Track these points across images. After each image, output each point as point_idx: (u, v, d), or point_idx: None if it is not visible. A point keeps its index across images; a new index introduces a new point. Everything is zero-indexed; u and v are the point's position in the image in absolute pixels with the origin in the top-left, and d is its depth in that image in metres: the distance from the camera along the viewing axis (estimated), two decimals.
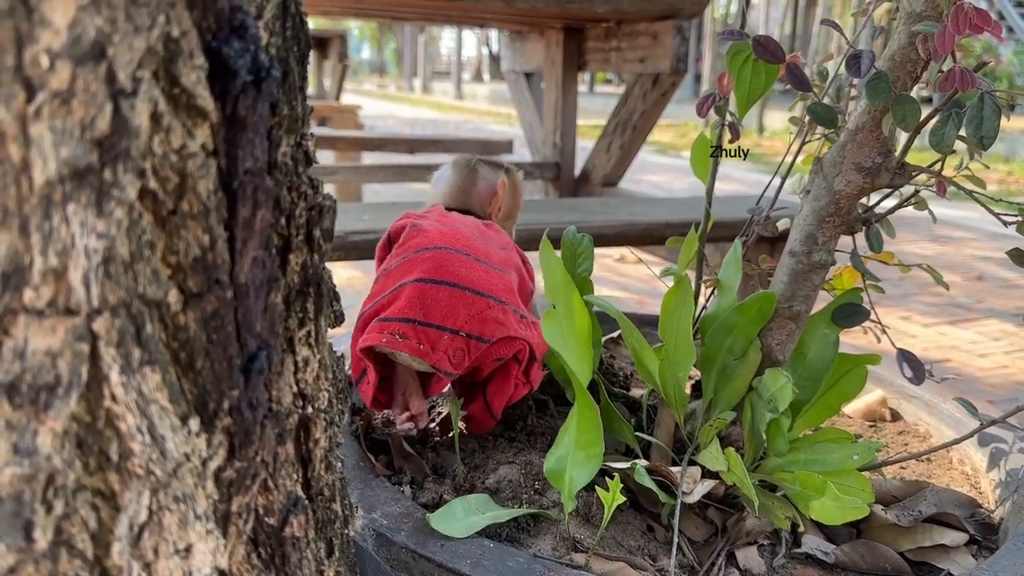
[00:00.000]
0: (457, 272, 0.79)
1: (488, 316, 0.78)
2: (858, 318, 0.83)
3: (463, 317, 0.78)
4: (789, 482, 0.78)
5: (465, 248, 0.82)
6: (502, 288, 0.81)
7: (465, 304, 0.78)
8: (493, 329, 0.78)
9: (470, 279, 0.79)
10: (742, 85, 0.83)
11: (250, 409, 0.40)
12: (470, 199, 0.97)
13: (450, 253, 0.81)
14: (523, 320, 0.82)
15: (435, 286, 0.78)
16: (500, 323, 0.78)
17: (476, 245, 0.84)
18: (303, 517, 0.45)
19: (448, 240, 0.83)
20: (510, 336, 0.79)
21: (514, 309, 0.81)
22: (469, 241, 0.84)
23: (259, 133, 0.38)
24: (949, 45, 0.65)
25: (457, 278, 0.79)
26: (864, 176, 0.77)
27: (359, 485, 0.75)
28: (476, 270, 0.80)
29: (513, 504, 0.77)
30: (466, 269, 0.80)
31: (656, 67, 2.31)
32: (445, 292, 0.78)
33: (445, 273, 0.79)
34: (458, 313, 0.78)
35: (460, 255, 0.81)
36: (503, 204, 0.99)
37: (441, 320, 0.77)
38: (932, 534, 0.78)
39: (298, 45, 0.43)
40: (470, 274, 0.79)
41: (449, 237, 0.84)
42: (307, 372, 0.46)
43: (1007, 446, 0.91)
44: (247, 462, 0.41)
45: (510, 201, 1.01)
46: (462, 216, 0.92)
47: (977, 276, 3.67)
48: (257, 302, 0.39)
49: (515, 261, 0.87)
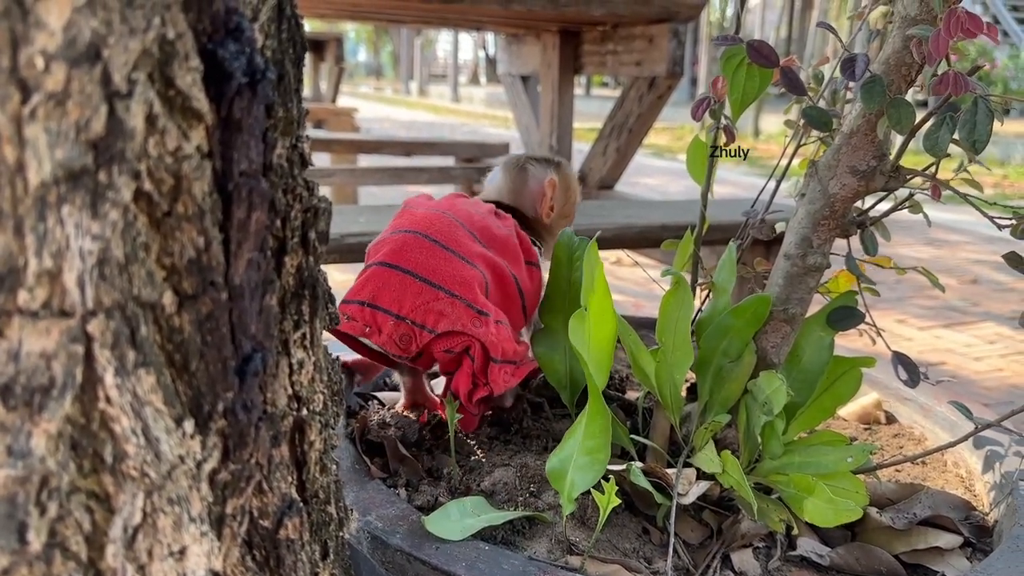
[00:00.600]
0: (414, 259, 0.80)
1: (433, 307, 0.79)
2: (853, 321, 0.84)
3: (409, 304, 0.79)
4: (784, 484, 0.78)
5: (436, 234, 0.82)
6: (458, 280, 0.80)
7: (413, 292, 0.79)
8: (436, 320, 0.79)
9: (425, 267, 0.80)
10: (736, 89, 0.84)
11: (245, 411, 0.40)
12: (522, 199, 0.96)
13: (416, 238, 0.82)
14: (479, 317, 0.80)
15: (389, 270, 0.80)
16: (444, 315, 0.79)
17: (452, 233, 0.83)
18: (298, 519, 0.45)
19: (421, 224, 0.83)
20: (456, 330, 0.79)
21: (467, 303, 0.79)
22: (446, 227, 0.83)
23: (254, 135, 0.38)
24: (943, 49, 0.65)
25: (412, 264, 0.80)
26: (859, 179, 0.77)
27: (354, 487, 0.75)
28: (436, 258, 0.80)
29: (509, 506, 0.77)
30: (424, 256, 0.80)
31: (652, 70, 2.32)
32: (397, 277, 0.79)
33: (401, 259, 0.80)
34: (405, 300, 0.79)
35: (427, 241, 0.81)
36: (555, 203, 0.97)
37: (388, 304, 0.79)
38: (927, 537, 0.78)
39: (294, 47, 0.43)
40: (427, 261, 0.80)
41: (425, 221, 0.84)
42: (302, 374, 0.46)
43: (1002, 449, 0.92)
44: (241, 464, 0.41)
45: (562, 198, 0.98)
46: (474, 203, 0.91)
47: (972, 279, 3.68)
48: (252, 304, 0.39)
49: (494, 260, 0.85)
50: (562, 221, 1.00)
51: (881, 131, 0.74)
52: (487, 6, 2.03)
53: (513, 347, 0.83)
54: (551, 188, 0.96)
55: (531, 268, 0.91)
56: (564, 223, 1.01)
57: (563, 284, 0.93)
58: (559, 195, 0.98)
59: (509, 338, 0.82)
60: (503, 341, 0.81)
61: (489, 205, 0.92)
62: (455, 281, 0.80)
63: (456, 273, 0.80)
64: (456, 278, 0.80)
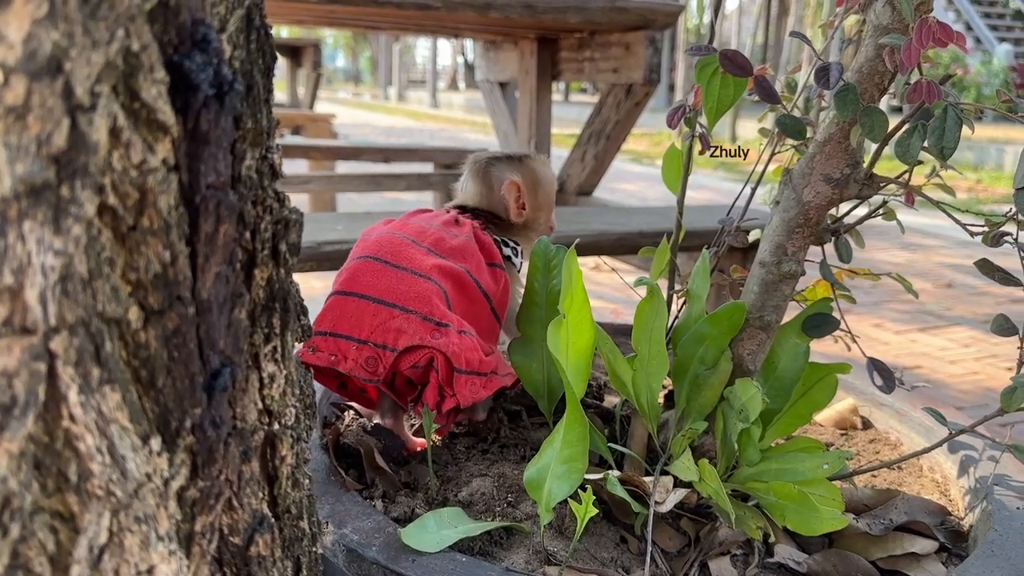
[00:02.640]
0: (366, 282, 0.82)
1: (390, 325, 0.80)
2: (828, 328, 0.84)
3: (368, 327, 0.81)
4: (762, 492, 0.78)
5: (386, 255, 0.84)
6: (411, 296, 0.81)
7: (370, 314, 0.81)
8: (396, 337, 0.80)
9: (377, 289, 0.82)
10: (711, 97, 0.84)
11: (213, 427, 0.39)
12: (492, 202, 0.96)
13: (367, 263, 0.84)
14: (438, 328, 0.81)
15: (345, 298, 0.82)
16: (402, 331, 0.80)
17: (402, 251, 0.85)
18: (269, 536, 0.44)
19: (372, 248, 0.85)
20: (416, 344, 0.80)
21: (423, 317, 0.80)
22: (395, 247, 0.85)
23: (222, 147, 0.38)
24: (915, 58, 0.66)
25: (365, 288, 0.82)
26: (833, 187, 0.78)
27: (329, 500, 0.74)
28: (388, 278, 0.82)
29: (486, 517, 0.77)
30: (376, 278, 0.82)
31: (629, 77, 2.33)
32: (353, 304, 0.82)
33: (355, 285, 0.83)
34: (363, 323, 0.81)
35: (377, 264, 0.84)
36: (526, 200, 0.96)
37: (348, 331, 0.81)
38: (903, 542, 0.78)
39: (263, 58, 0.43)
40: (379, 283, 0.82)
41: (376, 245, 0.86)
42: (273, 388, 0.45)
43: (976, 453, 0.92)
44: (210, 481, 0.40)
45: (533, 195, 0.97)
46: (430, 216, 0.92)
47: (947, 284, 3.71)
48: (220, 318, 0.39)
49: (451, 269, 0.85)
50: (540, 214, 0.99)
51: (854, 139, 0.74)
52: (464, 13, 2.03)
53: (479, 357, 0.82)
54: (514, 190, 0.95)
55: (494, 269, 0.91)
56: (543, 215, 0.99)
57: (540, 292, 0.93)
58: (527, 192, 0.96)
59: (474, 347, 0.82)
60: (466, 351, 0.81)
61: (448, 214, 0.92)
62: (408, 297, 0.81)
63: (408, 289, 0.82)
64: (409, 294, 0.81)
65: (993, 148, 8.01)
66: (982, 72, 10.92)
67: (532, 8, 2.05)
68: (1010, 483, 0.86)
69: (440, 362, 0.80)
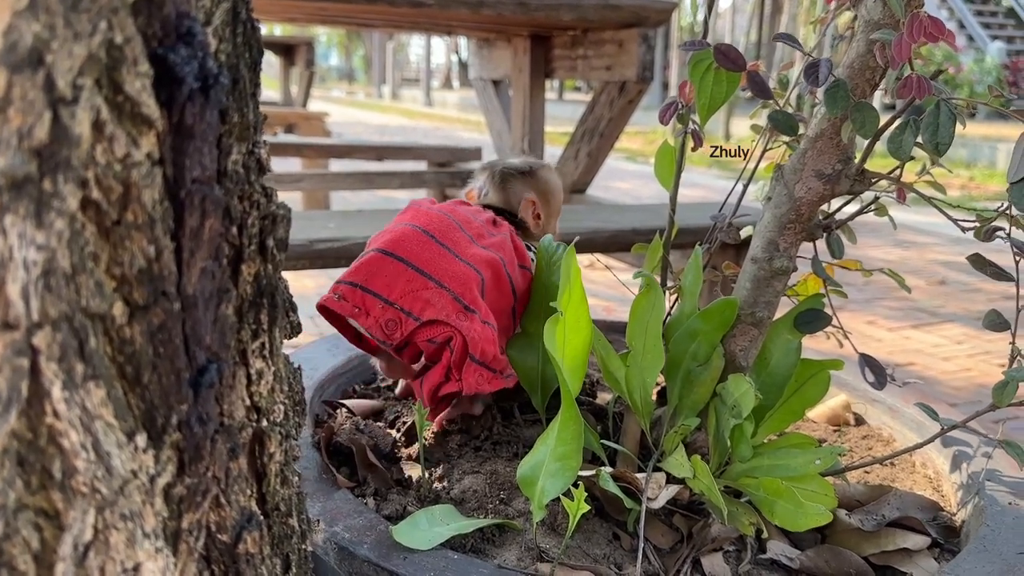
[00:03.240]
0: (410, 249, 0.83)
1: (421, 295, 0.81)
2: (820, 324, 0.84)
3: (399, 290, 0.81)
4: (753, 488, 0.78)
5: (435, 232, 0.85)
6: (451, 275, 0.82)
7: (405, 279, 0.81)
8: (423, 307, 0.80)
9: (420, 257, 0.82)
10: (704, 93, 0.84)
11: (200, 424, 0.39)
12: (512, 209, 1.00)
13: (415, 231, 0.84)
14: (465, 311, 0.81)
15: (385, 257, 0.82)
16: (430, 303, 0.80)
17: (451, 233, 0.86)
18: (257, 533, 0.44)
19: (423, 220, 0.86)
20: (440, 320, 0.80)
21: (455, 296, 0.81)
22: (445, 227, 0.86)
23: (207, 141, 0.37)
24: (906, 53, 0.66)
25: (407, 254, 0.82)
26: (824, 183, 0.77)
27: (321, 498, 0.74)
28: (431, 251, 0.83)
29: (479, 514, 0.77)
30: (420, 247, 0.83)
31: (622, 75, 2.32)
32: (391, 265, 0.82)
33: (399, 248, 0.83)
34: (396, 285, 0.81)
35: (425, 236, 0.84)
36: (540, 211, 1.00)
37: (379, 289, 0.81)
38: (895, 538, 0.78)
39: (249, 51, 0.42)
40: (422, 254, 0.82)
41: (427, 218, 0.87)
42: (261, 385, 0.45)
43: (969, 449, 0.92)
44: (197, 478, 0.40)
45: (546, 206, 1.01)
46: (475, 210, 0.94)
47: (940, 280, 3.72)
48: (207, 314, 0.39)
49: (492, 258, 0.86)
50: (551, 220, 1.04)
51: (846, 135, 0.74)
52: (457, 10, 2.03)
53: (494, 351, 0.83)
54: (531, 207, 0.99)
55: (524, 271, 0.93)
56: (554, 220, 1.04)
57: (542, 289, 0.93)
58: (541, 204, 1.01)
59: (492, 340, 0.83)
60: (484, 341, 0.82)
61: (487, 213, 0.94)
62: (447, 274, 0.82)
63: (448, 267, 0.82)
64: (448, 272, 0.82)
65: (986, 146, 8.03)
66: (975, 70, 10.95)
67: (525, 5, 2.05)
68: (1002, 479, 0.86)
69: (458, 344, 0.81)
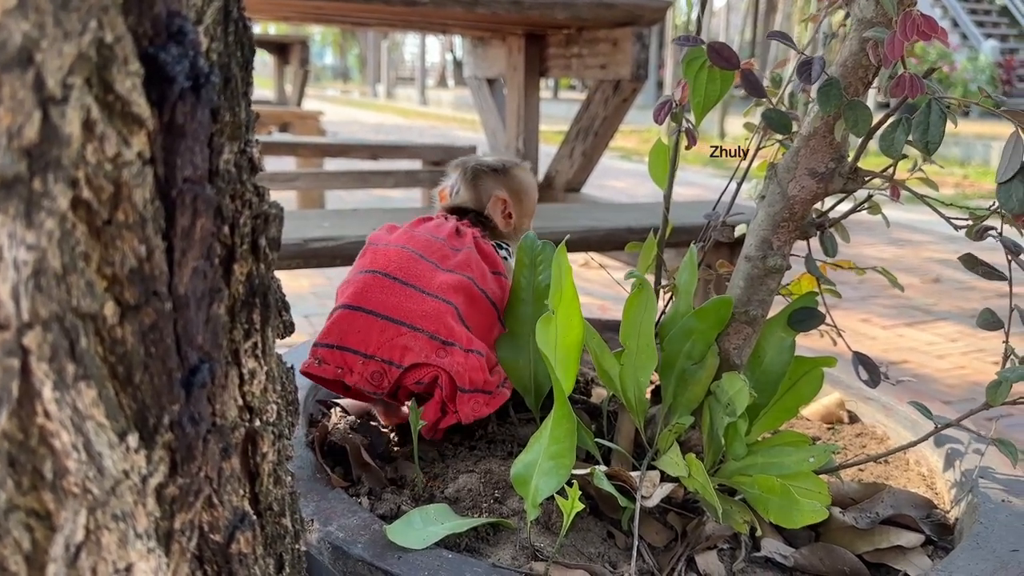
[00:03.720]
0: (375, 298, 0.83)
1: (397, 343, 0.82)
2: (813, 322, 0.84)
3: (375, 343, 0.82)
4: (748, 486, 0.78)
5: (397, 272, 0.85)
6: (421, 314, 0.83)
7: (377, 330, 0.82)
8: (402, 354, 0.82)
9: (386, 305, 0.83)
10: (698, 91, 0.84)
11: (192, 424, 0.39)
12: (482, 208, 0.98)
13: (376, 278, 0.85)
14: (444, 347, 0.82)
15: (354, 312, 0.83)
16: (408, 349, 0.82)
17: (413, 268, 0.85)
18: (250, 533, 0.44)
19: (382, 263, 0.86)
20: (422, 362, 0.82)
21: (431, 335, 0.82)
22: (406, 264, 0.86)
23: (199, 140, 0.37)
24: (898, 51, 0.66)
25: (374, 305, 0.83)
26: (818, 181, 0.78)
27: (315, 497, 0.74)
28: (397, 295, 0.83)
29: (473, 513, 0.77)
30: (385, 294, 0.83)
31: (617, 74, 2.32)
32: (361, 319, 0.83)
33: (364, 300, 0.83)
34: (370, 339, 0.82)
35: (387, 280, 0.84)
36: (512, 211, 0.98)
37: (355, 345, 0.82)
38: (889, 536, 0.79)
39: (241, 50, 0.42)
40: (388, 300, 0.83)
41: (386, 259, 0.86)
42: (254, 384, 0.45)
43: (962, 447, 0.93)
44: (190, 478, 0.40)
45: (518, 206, 0.99)
46: (435, 226, 0.92)
47: (934, 279, 3.73)
48: (198, 314, 0.38)
49: (462, 282, 0.86)
50: (525, 220, 1.02)
51: (839, 133, 0.74)
52: (451, 9, 2.03)
53: (484, 377, 0.84)
54: (500, 205, 0.97)
55: (497, 277, 0.92)
56: (528, 220, 1.02)
57: (526, 288, 0.93)
58: (513, 203, 0.98)
59: (479, 367, 0.83)
60: (471, 371, 0.83)
61: (449, 224, 0.93)
62: (416, 315, 0.82)
63: (417, 308, 0.83)
64: (417, 312, 0.83)
65: (980, 144, 8.05)
66: (968, 68, 10.97)
67: (519, 4, 2.05)
68: (995, 476, 0.86)
69: (444, 380, 0.82)
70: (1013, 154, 0.64)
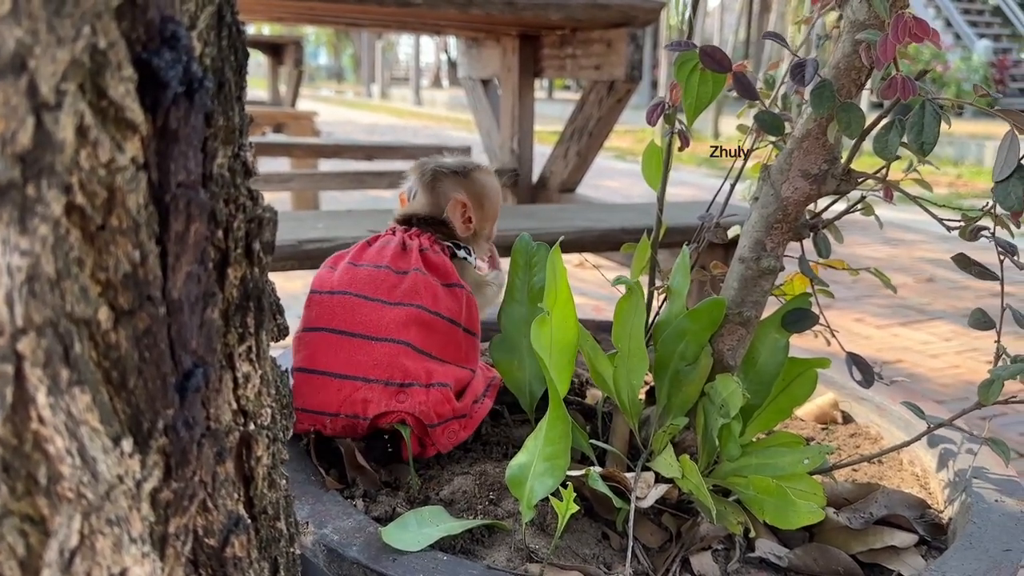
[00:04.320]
0: (326, 358, 0.84)
1: (356, 397, 0.82)
2: (807, 323, 0.84)
3: (335, 402, 0.82)
4: (742, 487, 0.78)
5: (342, 324, 0.84)
6: (373, 364, 0.83)
7: (334, 390, 0.83)
8: (364, 407, 0.82)
9: (337, 362, 0.83)
10: (690, 93, 0.84)
11: (187, 428, 0.39)
12: (441, 212, 0.94)
13: (323, 335, 0.85)
14: (402, 391, 0.82)
15: (310, 375, 0.84)
16: (368, 401, 0.82)
17: (358, 316, 0.84)
18: (245, 537, 0.44)
19: (326, 317, 0.85)
20: (384, 411, 0.82)
21: (386, 383, 0.82)
22: (351, 313, 0.85)
23: (192, 145, 0.37)
24: (890, 53, 0.66)
25: (326, 365, 0.83)
26: (811, 183, 0.78)
27: (310, 500, 0.74)
28: (346, 349, 0.83)
29: (468, 515, 0.77)
30: (334, 353, 0.83)
31: (611, 74, 2.33)
32: (317, 380, 0.83)
33: (315, 361, 0.84)
34: (329, 399, 0.83)
35: (333, 335, 0.84)
36: (472, 215, 0.94)
37: (318, 407, 0.83)
38: (883, 536, 0.79)
39: (235, 55, 0.42)
40: (338, 356, 0.83)
41: (330, 310, 0.85)
42: (248, 388, 0.45)
43: (956, 447, 0.93)
44: (184, 482, 0.40)
45: (479, 210, 0.95)
46: (377, 253, 0.89)
47: (928, 278, 3.74)
48: (192, 318, 0.38)
49: (412, 313, 0.85)
50: (486, 225, 0.98)
51: (832, 135, 0.74)
52: (445, 10, 2.03)
53: (451, 406, 0.84)
54: (459, 208, 0.93)
55: (452, 289, 0.89)
56: (489, 225, 0.99)
57: (521, 289, 0.93)
58: (473, 207, 0.95)
59: (443, 399, 0.83)
60: (435, 405, 0.82)
61: (395, 239, 0.90)
62: (369, 366, 0.83)
63: (366, 358, 0.83)
64: (368, 363, 0.83)
65: (973, 144, 8.07)
66: (962, 68, 11.00)
67: (513, 5, 2.05)
68: (989, 476, 0.87)
69: (411, 421, 0.82)
70: (1009, 152, 0.64)
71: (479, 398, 0.88)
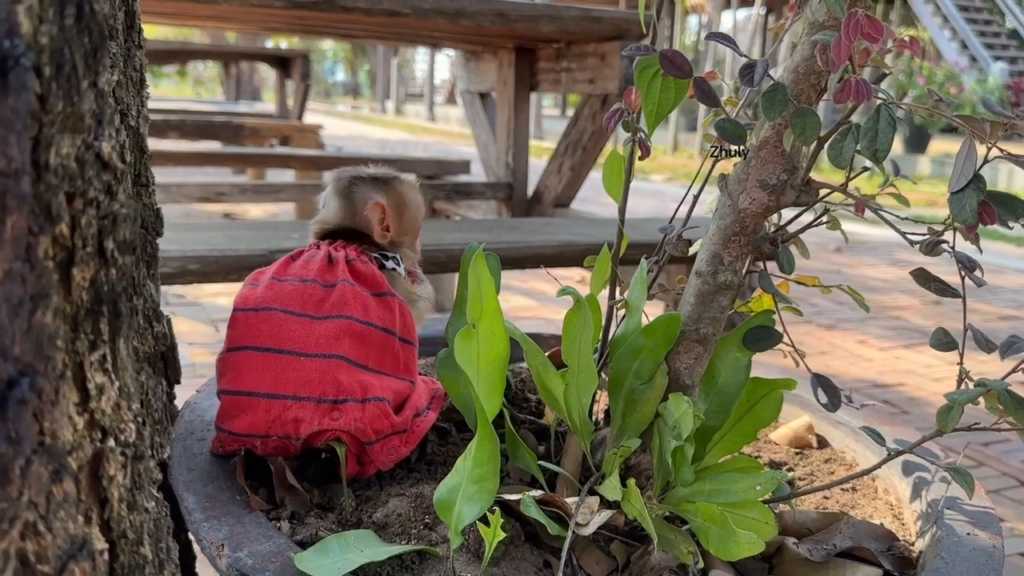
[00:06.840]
0: (253, 377, 0.79)
1: (287, 417, 0.78)
2: (769, 342, 0.80)
3: (264, 423, 0.78)
4: (692, 514, 0.73)
5: (268, 341, 0.80)
6: (303, 382, 0.78)
7: (263, 410, 0.78)
8: (295, 426, 0.78)
9: (264, 381, 0.79)
10: (651, 100, 0.80)
11: (9, 444, 0.35)
12: (356, 223, 0.90)
13: (248, 354, 0.80)
14: (335, 407, 0.78)
15: (236, 397, 0.79)
16: (300, 420, 0.77)
17: (284, 332, 0.80)
18: (89, 564, 0.40)
19: (253, 336, 0.81)
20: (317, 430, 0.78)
21: (317, 400, 0.78)
22: (277, 329, 0.80)
23: (13, 130, 0.34)
24: (845, 54, 0.62)
25: (253, 385, 0.79)
26: (769, 193, 0.74)
27: (230, 521, 0.70)
28: (274, 366, 0.79)
29: (401, 539, 0.73)
30: (261, 372, 0.79)
31: (604, 88, 2.29)
32: (245, 401, 0.79)
33: (241, 382, 0.79)
34: (258, 420, 0.78)
35: (259, 354, 0.80)
36: (390, 223, 0.90)
37: (246, 429, 0.78)
38: (844, 570, 0.74)
39: (88, 36, 0.39)
40: (265, 375, 0.79)
41: (256, 331, 0.81)
42: (103, 401, 0.41)
43: (930, 475, 0.88)
44: (7, 503, 0.36)
45: (397, 218, 0.91)
46: (302, 266, 0.86)
47: (934, 300, 3.67)
48: (14, 322, 0.35)
49: (343, 325, 0.81)
50: (405, 238, 0.94)
51: (788, 143, 0.70)
52: (435, 21, 2.00)
53: (389, 421, 0.79)
54: (378, 211, 0.90)
55: (384, 299, 0.85)
56: (409, 238, 0.95)
57: None
58: (392, 214, 0.91)
59: (380, 415, 0.79)
60: (371, 421, 0.78)
61: (321, 255, 0.86)
62: (299, 383, 0.78)
63: (296, 375, 0.78)
64: (298, 380, 0.78)
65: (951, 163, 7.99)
66: (977, 90, 10.92)
67: (504, 16, 2.02)
68: (963, 507, 0.82)
69: (347, 439, 0.78)
70: (966, 163, 0.60)
71: (421, 411, 0.84)
